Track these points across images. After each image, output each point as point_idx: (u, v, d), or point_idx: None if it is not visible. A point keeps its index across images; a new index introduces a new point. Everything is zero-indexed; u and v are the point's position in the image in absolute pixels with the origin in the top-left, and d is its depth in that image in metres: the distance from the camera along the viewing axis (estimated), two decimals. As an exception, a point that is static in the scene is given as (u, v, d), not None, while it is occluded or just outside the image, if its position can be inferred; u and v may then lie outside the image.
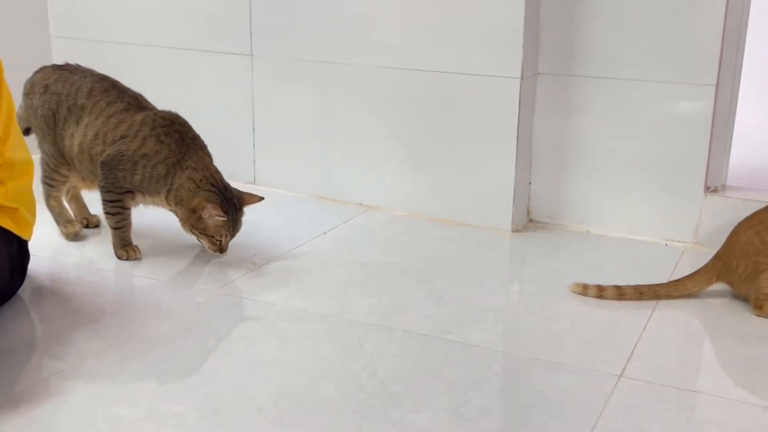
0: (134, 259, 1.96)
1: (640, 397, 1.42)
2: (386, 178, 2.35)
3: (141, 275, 1.90)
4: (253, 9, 2.41)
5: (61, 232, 2.07)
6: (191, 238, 1.95)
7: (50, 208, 2.07)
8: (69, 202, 2.14)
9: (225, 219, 1.86)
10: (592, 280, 1.82)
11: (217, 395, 1.40)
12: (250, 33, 2.43)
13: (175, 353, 1.55)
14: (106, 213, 1.96)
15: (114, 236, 1.97)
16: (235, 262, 1.95)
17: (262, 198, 1.97)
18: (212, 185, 1.88)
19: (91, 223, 2.16)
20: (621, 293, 1.77)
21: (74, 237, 2.06)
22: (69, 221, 2.08)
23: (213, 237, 1.89)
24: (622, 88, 2.10)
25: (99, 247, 2.04)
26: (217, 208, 1.85)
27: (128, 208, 1.96)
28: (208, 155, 1.96)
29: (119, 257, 1.97)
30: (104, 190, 1.93)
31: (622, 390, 1.44)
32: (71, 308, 1.72)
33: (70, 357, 1.52)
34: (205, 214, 1.86)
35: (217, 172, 1.92)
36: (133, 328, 1.64)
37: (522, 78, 2.10)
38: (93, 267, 1.94)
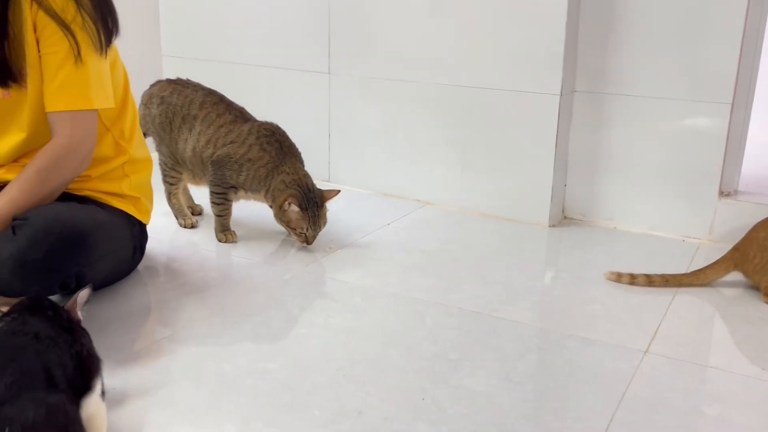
0: (231, 242, 1.99)
1: (663, 370, 1.40)
2: (441, 178, 2.34)
3: (237, 255, 1.93)
4: (331, 35, 2.42)
5: (179, 223, 2.10)
6: (278, 227, 1.98)
7: (171, 206, 2.10)
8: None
9: (300, 211, 1.86)
10: (620, 270, 1.79)
11: (304, 356, 1.42)
12: (329, 55, 2.44)
13: (268, 321, 1.57)
14: (212, 203, 1.99)
15: (216, 222, 2.00)
16: (314, 247, 1.96)
17: (339, 191, 1.97)
18: (298, 186, 1.89)
19: (195, 211, 2.20)
20: (650, 281, 1.74)
21: (191, 227, 2.09)
22: (186, 215, 2.11)
23: (296, 229, 1.90)
24: (648, 105, 2.07)
25: (202, 233, 2.08)
26: (295, 202, 1.86)
27: (231, 200, 1.99)
28: (301, 161, 1.97)
29: (219, 240, 2.00)
30: (212, 184, 1.96)
31: (648, 364, 1.42)
32: (180, 281, 1.76)
33: (180, 321, 1.55)
34: (285, 207, 1.87)
35: (305, 176, 1.92)
36: (233, 299, 1.67)
37: (561, 95, 2.08)
38: (198, 248, 1.97)
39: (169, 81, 2.08)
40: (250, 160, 1.91)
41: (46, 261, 1.33)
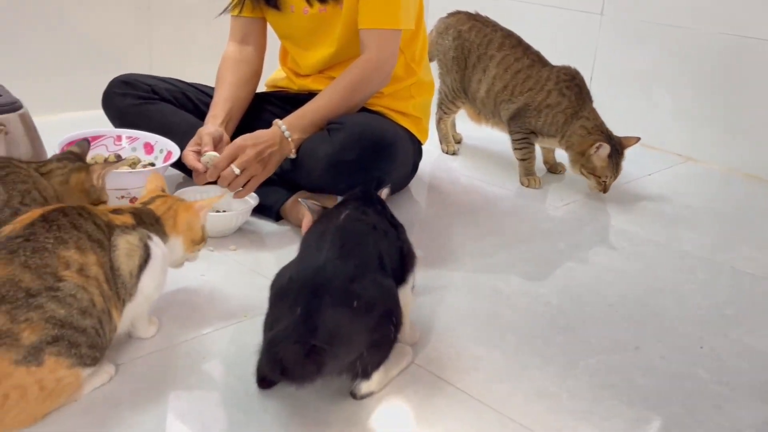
0: (535, 188, 1.96)
1: None
2: (704, 134, 2.24)
3: (499, 186, 1.99)
4: (609, -26, 2.36)
5: (442, 149, 2.18)
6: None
7: (438, 130, 2.19)
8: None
9: (608, 158, 1.84)
10: None
11: (573, 287, 1.46)
12: (605, -5, 2.39)
13: (535, 249, 1.62)
14: (515, 149, 1.99)
15: (520, 167, 1.99)
16: (573, 188, 1.97)
17: (639, 138, 1.90)
18: (601, 132, 1.86)
19: (456, 140, 2.27)
20: None
21: (452, 153, 2.18)
22: (450, 142, 2.19)
23: (600, 177, 1.87)
24: None
25: (462, 161, 2.15)
26: (606, 149, 1.83)
27: (533, 144, 1.97)
28: None
29: (522, 183, 1.98)
30: (513, 133, 1.98)
31: None
32: (450, 201, 1.86)
33: (455, 237, 1.65)
34: (592, 152, 1.83)
35: (603, 122, 1.90)
36: (500, 224, 1.74)
37: None
38: (459, 174, 2.05)
39: (468, 15, 2.08)
40: (549, 106, 1.91)
41: (356, 162, 1.46)
